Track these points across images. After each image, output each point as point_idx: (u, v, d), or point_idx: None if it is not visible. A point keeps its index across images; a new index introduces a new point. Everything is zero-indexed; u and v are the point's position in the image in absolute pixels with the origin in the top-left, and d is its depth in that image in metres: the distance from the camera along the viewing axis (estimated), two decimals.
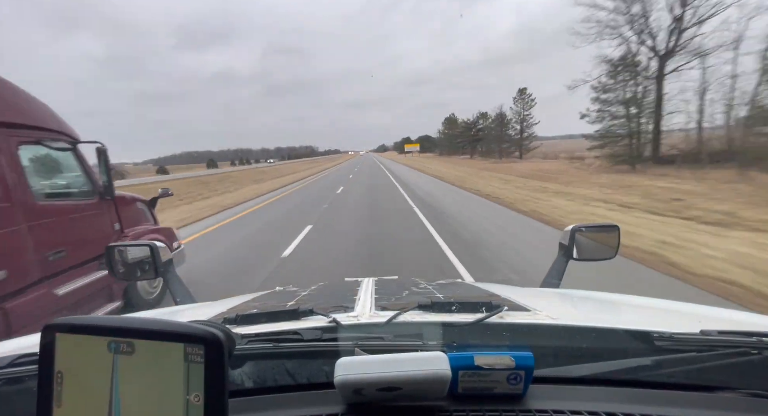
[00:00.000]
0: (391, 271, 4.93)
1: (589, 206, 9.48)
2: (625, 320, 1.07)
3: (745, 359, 0.66)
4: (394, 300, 1.08)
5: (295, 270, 5.35)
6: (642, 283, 4.45)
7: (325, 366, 0.70)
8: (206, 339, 0.41)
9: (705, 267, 4.61)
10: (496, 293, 1.19)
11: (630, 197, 10.25)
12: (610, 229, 1.45)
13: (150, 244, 1.36)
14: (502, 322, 0.81)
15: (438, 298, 0.96)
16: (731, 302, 3.72)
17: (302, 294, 1.31)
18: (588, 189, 12.84)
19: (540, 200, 10.84)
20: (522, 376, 0.60)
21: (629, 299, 1.28)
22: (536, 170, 22.62)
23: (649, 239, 5.87)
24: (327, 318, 0.83)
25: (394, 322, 0.81)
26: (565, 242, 1.43)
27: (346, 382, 0.55)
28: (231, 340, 0.50)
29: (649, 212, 8.23)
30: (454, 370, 0.57)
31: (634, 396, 0.65)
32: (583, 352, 0.73)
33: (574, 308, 1.17)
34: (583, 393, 0.66)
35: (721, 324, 0.76)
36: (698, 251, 5.23)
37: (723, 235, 6.03)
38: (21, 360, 0.68)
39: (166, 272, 1.40)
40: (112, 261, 1.39)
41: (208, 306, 1.34)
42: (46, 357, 0.45)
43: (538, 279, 1.50)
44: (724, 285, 4.14)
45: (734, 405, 0.62)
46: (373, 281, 1.38)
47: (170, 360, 0.42)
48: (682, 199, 9.27)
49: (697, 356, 0.67)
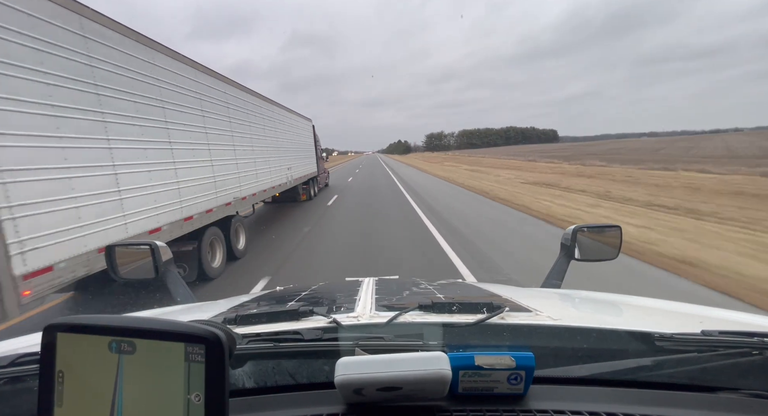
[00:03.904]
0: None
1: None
2: (626, 320, 1.06)
3: (746, 359, 0.66)
4: (394, 300, 1.08)
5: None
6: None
7: (325, 365, 0.70)
8: (207, 338, 0.41)
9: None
10: (497, 294, 1.19)
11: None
12: (612, 229, 1.45)
13: (150, 243, 1.35)
14: (502, 323, 0.80)
15: (438, 298, 0.96)
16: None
17: (303, 294, 1.31)
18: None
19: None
20: (522, 376, 0.60)
21: (630, 299, 1.28)
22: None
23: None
24: (327, 318, 0.83)
25: (394, 322, 0.81)
26: (567, 243, 1.42)
27: (347, 382, 0.55)
28: (232, 340, 0.50)
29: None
30: (455, 370, 0.57)
31: (635, 396, 0.65)
32: (584, 352, 0.72)
33: (575, 309, 1.17)
34: (584, 394, 0.66)
35: (722, 325, 0.75)
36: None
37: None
38: (22, 360, 0.68)
39: (167, 271, 1.39)
40: (112, 261, 1.37)
41: (209, 306, 1.34)
42: (48, 357, 0.45)
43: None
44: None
45: (735, 405, 0.62)
46: (374, 282, 1.38)
47: (171, 360, 0.42)
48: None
49: (698, 356, 0.67)
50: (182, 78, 4.84)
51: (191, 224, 4.70)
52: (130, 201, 3.61)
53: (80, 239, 2.98)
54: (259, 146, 7.74)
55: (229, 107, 6.30)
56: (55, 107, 2.83)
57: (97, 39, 3.34)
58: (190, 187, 4.72)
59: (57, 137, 2.83)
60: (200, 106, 5.29)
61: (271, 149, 8.59)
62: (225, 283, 5.10)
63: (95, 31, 3.33)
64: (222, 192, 5.63)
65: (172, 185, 4.36)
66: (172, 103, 4.53)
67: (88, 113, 3.19)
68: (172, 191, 4.37)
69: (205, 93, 5.46)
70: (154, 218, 3.98)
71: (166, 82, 4.44)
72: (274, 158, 8.74)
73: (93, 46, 3.28)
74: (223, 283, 5.10)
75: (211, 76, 5.70)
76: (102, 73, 3.38)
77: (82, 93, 3.14)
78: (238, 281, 5.09)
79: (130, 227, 3.59)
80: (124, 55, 3.70)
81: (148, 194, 3.91)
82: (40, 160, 2.69)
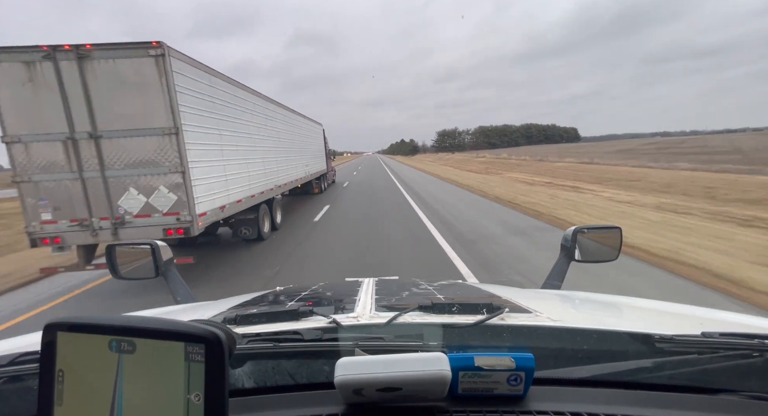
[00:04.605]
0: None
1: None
2: (626, 321, 1.06)
3: (746, 361, 0.66)
4: (394, 301, 1.07)
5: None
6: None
7: (325, 366, 0.70)
8: (207, 338, 0.41)
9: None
10: (496, 295, 1.19)
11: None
12: (612, 230, 1.45)
13: (151, 243, 1.34)
14: (502, 324, 0.80)
15: (438, 299, 0.97)
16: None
17: (303, 294, 1.31)
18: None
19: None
20: (522, 377, 0.60)
21: (630, 301, 1.27)
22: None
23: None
24: (327, 318, 0.83)
25: (394, 323, 0.81)
26: (567, 244, 1.42)
27: (346, 382, 0.55)
28: (232, 340, 0.50)
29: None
30: (455, 371, 0.57)
31: (635, 398, 0.64)
32: (584, 354, 0.72)
33: (575, 310, 1.17)
34: (583, 395, 0.66)
35: (723, 326, 0.75)
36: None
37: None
38: (22, 359, 0.68)
39: (167, 271, 1.38)
40: (112, 260, 1.37)
41: (209, 306, 1.34)
42: (48, 356, 0.45)
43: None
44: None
45: (736, 407, 0.62)
46: (374, 282, 1.38)
47: (171, 359, 0.42)
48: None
49: (698, 358, 0.67)
50: (252, 104, 7.64)
51: (254, 200, 7.20)
52: (230, 183, 6.17)
53: (213, 201, 5.48)
54: (289, 148, 10.56)
55: (274, 120, 9.18)
56: (201, 127, 5.28)
57: (215, 86, 5.88)
58: (252, 176, 7.29)
59: (213, 146, 5.67)
60: (263, 122, 8.24)
61: (295, 150, 11.44)
62: (272, 243, 7.43)
63: (215, 82, 5.89)
64: (269, 181, 8.26)
65: (244, 175, 6.88)
66: (244, 121, 7.12)
67: (212, 130, 5.66)
68: (245, 178, 6.89)
69: (264, 113, 8.40)
70: (239, 194, 6.49)
71: (243, 107, 7.12)
72: (297, 158, 11.58)
73: (214, 91, 5.82)
74: (270, 243, 7.40)
75: (268, 101, 8.69)
76: (218, 106, 5.91)
77: (209, 118, 5.58)
78: (278, 243, 7.41)
79: (231, 197, 6.16)
80: (226, 94, 6.30)
81: (236, 179, 6.45)
82: (198, 158, 5.09)
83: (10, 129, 4.37)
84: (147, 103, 4.45)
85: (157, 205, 4.69)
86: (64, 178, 4.53)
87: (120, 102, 4.43)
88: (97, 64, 4.33)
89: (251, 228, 7.05)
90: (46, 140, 4.43)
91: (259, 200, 7.44)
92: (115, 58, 4.33)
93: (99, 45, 4.31)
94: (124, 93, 4.41)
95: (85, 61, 4.30)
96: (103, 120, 4.46)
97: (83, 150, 4.49)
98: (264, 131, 8.29)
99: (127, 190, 4.62)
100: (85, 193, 4.57)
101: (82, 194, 4.56)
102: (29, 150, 4.44)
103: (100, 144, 4.50)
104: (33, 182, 4.50)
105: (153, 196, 4.67)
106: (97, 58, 4.31)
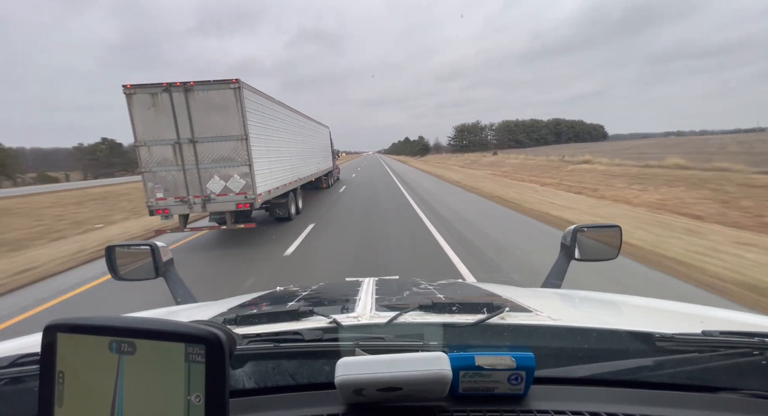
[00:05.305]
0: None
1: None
2: (626, 320, 1.05)
3: (746, 360, 0.65)
4: (394, 301, 1.07)
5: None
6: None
7: (325, 366, 0.69)
8: (207, 339, 0.41)
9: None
10: (497, 294, 1.18)
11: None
12: (611, 229, 1.43)
13: (150, 244, 1.34)
14: (503, 323, 0.80)
15: (439, 299, 0.96)
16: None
17: (303, 294, 1.31)
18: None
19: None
20: (523, 376, 0.59)
21: (631, 299, 1.27)
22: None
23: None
24: (327, 318, 0.82)
25: (394, 323, 0.80)
26: (567, 243, 1.41)
27: (347, 382, 0.55)
28: (232, 340, 0.50)
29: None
30: (455, 370, 0.57)
31: (636, 396, 0.64)
32: (584, 353, 0.72)
33: (576, 309, 1.16)
34: (584, 394, 0.65)
35: (723, 325, 0.75)
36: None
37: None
38: (22, 360, 0.67)
39: (167, 271, 1.38)
40: (112, 261, 1.36)
41: (209, 306, 1.33)
42: (48, 357, 0.45)
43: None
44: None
45: (736, 405, 0.61)
46: (374, 282, 1.37)
47: (171, 360, 0.42)
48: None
49: (698, 356, 0.67)
50: (285, 115, 10.12)
51: (286, 188, 9.41)
52: (274, 173, 8.45)
53: (266, 185, 7.69)
54: (306, 149, 12.91)
55: (296, 126, 11.69)
56: (259, 134, 7.60)
57: (266, 105, 8.26)
58: (285, 170, 9.62)
59: (264, 147, 7.92)
60: (291, 128, 10.76)
61: (310, 150, 13.75)
62: (295, 222, 9.53)
63: (266, 102, 8.27)
64: (293, 174, 10.52)
65: (280, 169, 9.16)
66: (281, 129, 9.62)
67: (265, 136, 7.99)
68: (280, 171, 9.12)
69: (291, 121, 10.91)
70: (278, 182, 8.69)
71: (280, 118, 9.54)
72: (311, 157, 13.83)
73: (265, 109, 8.20)
74: (295, 223, 9.51)
75: (293, 111, 11.20)
76: (267, 119, 8.28)
77: (264, 128, 7.94)
78: (300, 222, 9.50)
79: (274, 184, 8.38)
80: (272, 110, 8.79)
81: (277, 171, 8.79)
82: (258, 156, 7.29)
83: (140, 137, 6.62)
84: (227, 118, 6.66)
85: (232, 187, 6.89)
86: (172, 169, 6.77)
87: (210, 118, 6.68)
88: (197, 94, 6.59)
89: (283, 210, 9.30)
90: (161, 144, 6.66)
91: (289, 188, 9.75)
92: (208, 90, 6.60)
93: (199, 82, 6.58)
94: (213, 112, 6.66)
95: (189, 92, 6.56)
96: (199, 130, 6.69)
97: (185, 150, 6.72)
98: (291, 135, 10.73)
99: (212, 177, 6.84)
100: (185, 179, 6.80)
101: (183, 180, 6.80)
102: (150, 151, 6.66)
103: (196, 146, 6.73)
104: (152, 172, 6.75)
105: (229, 181, 6.88)
106: (196, 90, 6.56)
